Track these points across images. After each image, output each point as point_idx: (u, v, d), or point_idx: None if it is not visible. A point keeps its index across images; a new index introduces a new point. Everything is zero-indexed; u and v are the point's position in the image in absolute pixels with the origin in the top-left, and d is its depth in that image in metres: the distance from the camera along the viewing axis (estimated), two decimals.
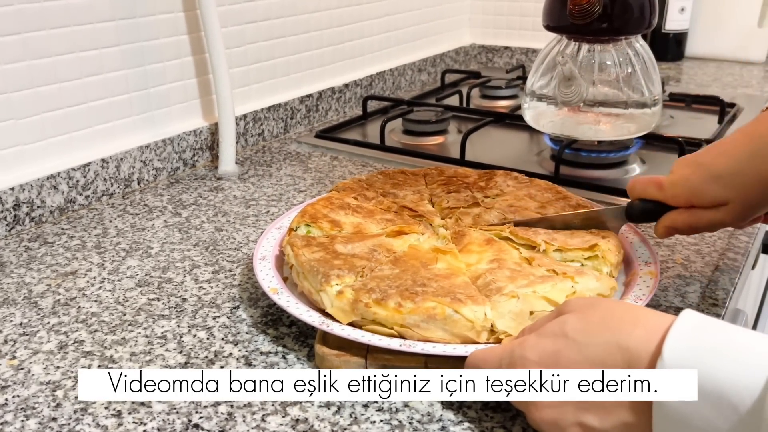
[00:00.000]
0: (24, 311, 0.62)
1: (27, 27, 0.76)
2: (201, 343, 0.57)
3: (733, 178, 0.51)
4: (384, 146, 1.02)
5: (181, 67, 0.95)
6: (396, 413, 0.48)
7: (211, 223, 0.80)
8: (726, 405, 0.35)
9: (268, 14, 1.07)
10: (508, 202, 0.69)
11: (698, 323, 0.38)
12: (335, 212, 0.67)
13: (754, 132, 0.51)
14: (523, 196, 0.70)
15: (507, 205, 0.68)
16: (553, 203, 0.68)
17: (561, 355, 0.42)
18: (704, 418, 0.35)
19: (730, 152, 0.52)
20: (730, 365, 0.35)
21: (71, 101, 0.82)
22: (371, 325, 0.52)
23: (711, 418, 0.35)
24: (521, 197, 0.70)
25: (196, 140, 0.97)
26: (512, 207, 0.68)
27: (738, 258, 0.68)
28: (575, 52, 0.89)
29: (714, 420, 0.35)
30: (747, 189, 0.51)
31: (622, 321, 0.41)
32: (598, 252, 0.57)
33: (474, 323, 0.50)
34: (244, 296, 0.64)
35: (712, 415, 0.35)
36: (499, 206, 0.68)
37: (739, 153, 0.51)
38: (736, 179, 0.51)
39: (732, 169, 0.51)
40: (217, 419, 0.48)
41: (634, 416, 0.39)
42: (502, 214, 0.67)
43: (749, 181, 0.51)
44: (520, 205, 0.68)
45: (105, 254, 0.72)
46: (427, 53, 1.49)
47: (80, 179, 0.83)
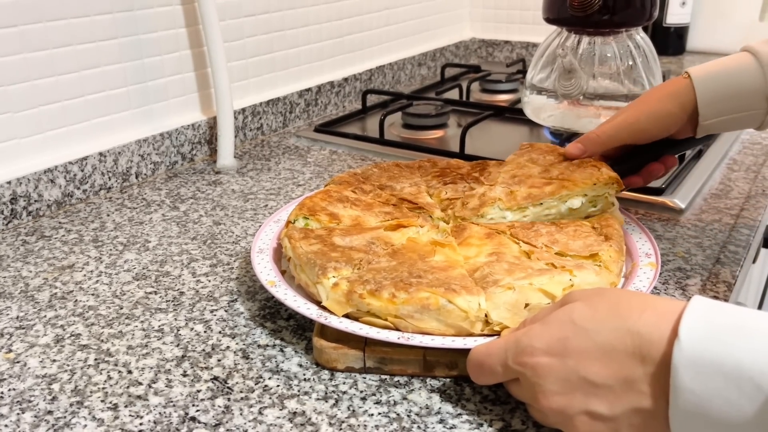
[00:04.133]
0: (21, 305, 0.61)
1: (23, 19, 0.76)
2: (198, 336, 0.56)
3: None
4: (383, 140, 1.01)
5: (180, 60, 0.95)
6: (394, 406, 0.48)
7: (210, 216, 0.79)
8: (748, 384, 0.34)
9: (267, 7, 1.06)
10: (510, 173, 0.68)
11: (711, 305, 0.38)
12: (333, 205, 0.66)
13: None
14: (524, 163, 0.69)
15: (510, 176, 0.67)
16: (556, 165, 0.68)
17: (569, 342, 0.41)
18: (725, 398, 0.35)
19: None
20: (750, 344, 0.35)
21: (68, 94, 0.82)
22: (367, 317, 0.51)
23: (733, 398, 0.35)
24: (523, 164, 0.69)
25: (194, 134, 0.97)
26: (515, 177, 0.67)
27: (739, 251, 0.68)
28: (575, 44, 0.88)
29: (736, 400, 0.35)
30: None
31: (630, 307, 0.41)
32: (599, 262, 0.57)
33: (468, 313, 0.49)
34: (242, 289, 0.63)
35: (733, 396, 0.35)
36: (502, 180, 0.67)
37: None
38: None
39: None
40: (214, 412, 0.47)
41: (648, 400, 0.39)
42: (507, 187, 0.66)
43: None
44: (523, 173, 0.67)
45: (102, 248, 0.72)
46: (427, 47, 1.49)
47: (78, 173, 0.83)
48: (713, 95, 0.62)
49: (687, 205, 0.78)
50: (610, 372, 0.40)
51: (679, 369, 0.36)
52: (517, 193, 0.64)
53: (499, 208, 0.63)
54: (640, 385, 0.39)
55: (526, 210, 0.64)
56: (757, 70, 0.60)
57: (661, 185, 0.80)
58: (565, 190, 0.63)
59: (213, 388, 0.50)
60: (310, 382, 0.50)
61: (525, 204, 0.63)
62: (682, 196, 0.79)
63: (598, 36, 0.87)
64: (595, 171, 0.65)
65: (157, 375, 0.51)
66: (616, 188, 0.65)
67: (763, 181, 0.85)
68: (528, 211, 0.64)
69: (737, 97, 0.61)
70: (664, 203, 0.78)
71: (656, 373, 0.38)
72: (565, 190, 0.63)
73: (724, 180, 0.86)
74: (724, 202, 0.79)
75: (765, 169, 0.89)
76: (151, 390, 0.50)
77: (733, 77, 0.61)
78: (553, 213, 0.64)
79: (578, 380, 0.41)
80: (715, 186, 0.84)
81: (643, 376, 0.39)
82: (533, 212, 0.64)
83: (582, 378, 0.41)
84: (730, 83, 0.61)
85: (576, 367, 0.41)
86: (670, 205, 0.78)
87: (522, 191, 0.64)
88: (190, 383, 0.50)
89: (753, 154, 0.95)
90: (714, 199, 0.80)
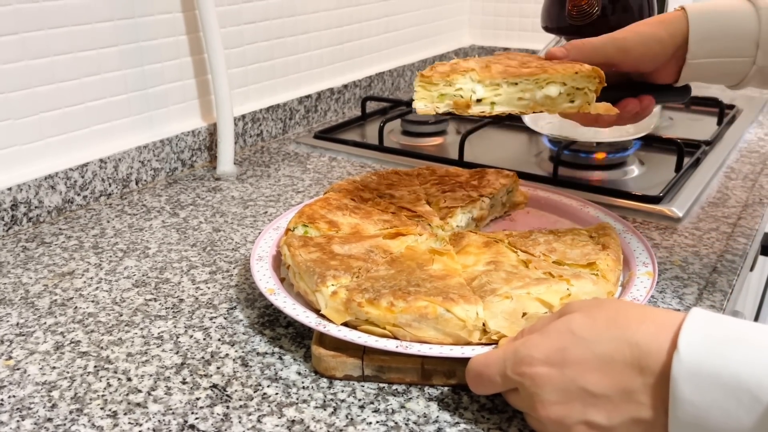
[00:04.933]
0: (21, 311, 0.62)
1: (25, 27, 0.76)
2: (197, 343, 0.56)
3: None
4: (383, 147, 1.02)
5: (180, 67, 0.95)
6: (392, 414, 0.48)
7: (209, 223, 0.80)
8: (746, 396, 0.35)
9: (267, 15, 1.07)
10: (484, 61, 0.62)
11: (710, 318, 0.38)
12: (333, 213, 0.67)
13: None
14: (499, 59, 0.64)
15: (484, 62, 0.61)
16: (534, 61, 0.63)
17: (568, 352, 0.42)
18: (724, 409, 0.35)
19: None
20: (748, 356, 0.35)
21: (69, 101, 0.82)
22: (366, 326, 0.52)
23: (731, 409, 0.35)
24: (498, 59, 0.64)
25: (194, 140, 0.97)
26: (491, 63, 0.61)
27: (736, 260, 0.68)
28: None
29: (735, 411, 0.35)
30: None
31: (628, 318, 0.41)
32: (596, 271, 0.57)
33: (466, 322, 0.50)
34: (241, 297, 0.64)
35: (732, 407, 0.35)
36: (474, 62, 0.61)
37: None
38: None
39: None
40: (213, 420, 0.47)
41: (647, 411, 0.39)
42: (482, 63, 0.60)
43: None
44: (498, 62, 0.62)
45: (102, 254, 0.72)
46: (427, 54, 1.49)
47: (78, 179, 0.83)
48: (706, 31, 0.60)
49: (684, 213, 0.78)
50: (608, 382, 0.40)
51: (679, 380, 0.37)
52: (493, 67, 0.59)
53: (471, 80, 0.57)
54: (638, 395, 0.39)
55: (499, 88, 0.58)
56: (751, 14, 0.59)
57: (659, 194, 0.80)
58: (545, 74, 0.59)
59: (212, 395, 0.50)
60: (309, 390, 0.50)
61: (499, 80, 0.58)
62: (680, 204, 0.79)
63: None
64: (576, 65, 0.60)
65: (156, 382, 0.52)
66: (596, 84, 0.60)
67: (760, 189, 0.86)
68: (501, 90, 0.58)
69: (729, 37, 0.60)
70: (661, 212, 0.78)
71: (655, 384, 0.39)
72: (544, 73, 0.59)
73: (721, 188, 0.86)
74: (722, 211, 0.80)
75: (762, 177, 0.90)
76: (151, 397, 0.50)
77: (728, 17, 0.60)
78: (527, 98, 0.59)
79: (577, 390, 0.41)
80: (712, 194, 0.84)
81: (641, 386, 0.39)
82: (506, 93, 0.58)
83: (581, 388, 0.41)
84: (725, 22, 0.60)
85: (575, 377, 0.41)
86: (667, 214, 0.78)
87: (498, 66, 0.59)
88: (190, 391, 0.51)
89: (750, 162, 0.95)
90: (711, 208, 0.80)
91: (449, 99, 0.57)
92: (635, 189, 0.83)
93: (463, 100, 0.57)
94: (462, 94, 0.57)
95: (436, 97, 0.56)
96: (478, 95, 0.57)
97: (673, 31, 0.61)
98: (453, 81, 0.57)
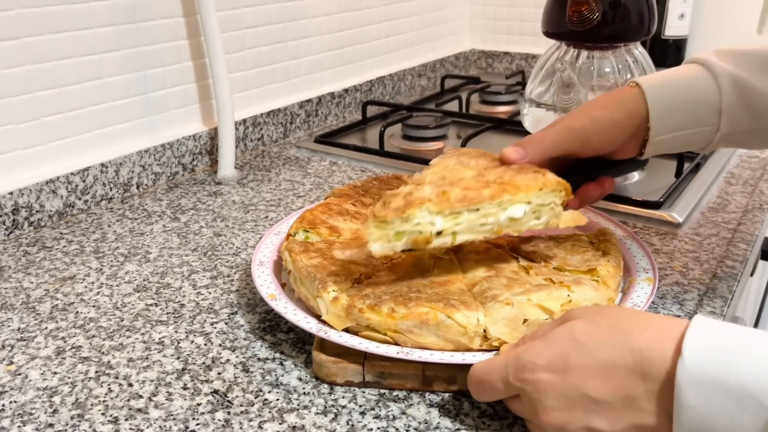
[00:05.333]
0: (22, 316, 0.62)
1: (27, 31, 0.76)
2: (198, 349, 0.57)
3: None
4: (383, 151, 1.02)
5: (181, 71, 0.95)
6: (393, 420, 0.48)
7: (210, 228, 0.80)
8: (751, 402, 0.35)
9: (268, 19, 1.07)
10: (438, 174, 0.56)
11: (713, 325, 0.39)
12: (334, 218, 0.67)
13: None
14: (454, 166, 0.58)
15: (438, 177, 0.56)
16: (491, 169, 0.57)
17: (570, 358, 0.42)
18: (729, 416, 0.35)
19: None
20: (752, 363, 0.35)
21: (71, 106, 0.83)
22: (366, 332, 0.52)
23: (736, 416, 0.35)
24: (452, 167, 0.58)
25: (195, 145, 0.97)
26: (446, 179, 0.55)
27: (736, 265, 0.68)
28: (574, 58, 0.89)
29: (739, 418, 0.35)
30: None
31: (631, 324, 0.41)
32: (597, 277, 0.57)
33: (466, 329, 0.50)
34: (242, 302, 0.64)
35: (737, 414, 0.35)
36: (430, 180, 0.55)
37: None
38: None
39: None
40: (214, 426, 0.47)
41: (649, 418, 0.39)
42: (438, 188, 0.54)
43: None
44: (453, 176, 0.56)
45: (103, 259, 0.72)
46: (427, 58, 1.50)
47: (79, 184, 0.83)
48: (666, 107, 0.57)
49: (684, 219, 0.78)
50: (610, 389, 0.40)
51: (683, 387, 0.37)
52: (451, 194, 0.53)
53: (428, 212, 0.52)
54: (641, 402, 0.39)
55: (459, 216, 0.53)
56: (710, 82, 0.56)
57: (659, 199, 0.81)
58: (507, 194, 0.53)
59: (213, 401, 0.50)
60: (310, 396, 0.51)
61: (460, 208, 0.52)
62: (680, 210, 0.80)
63: (596, 50, 0.87)
64: (539, 176, 0.55)
65: (157, 388, 0.52)
66: (563, 196, 0.56)
67: (760, 195, 0.86)
68: (462, 218, 0.53)
69: (691, 109, 0.57)
70: (661, 217, 0.78)
71: (658, 391, 0.39)
72: (506, 194, 0.53)
73: (721, 194, 0.86)
74: (722, 216, 0.80)
75: (762, 183, 0.90)
76: (152, 403, 0.50)
77: (686, 88, 0.57)
78: (490, 223, 0.54)
79: (579, 396, 0.41)
80: (712, 200, 0.84)
81: (644, 393, 0.39)
82: (468, 220, 0.53)
83: (583, 394, 0.41)
84: (683, 95, 0.57)
85: (577, 384, 0.41)
86: (667, 219, 0.78)
87: (456, 192, 0.53)
88: (191, 396, 0.51)
89: (750, 167, 0.95)
90: (711, 213, 0.81)
91: (407, 236, 0.51)
92: (635, 194, 0.83)
93: (423, 236, 0.52)
94: (421, 230, 0.51)
95: (392, 236, 0.51)
96: (438, 227, 0.52)
97: (630, 111, 0.57)
98: (410, 217, 0.51)
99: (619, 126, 0.58)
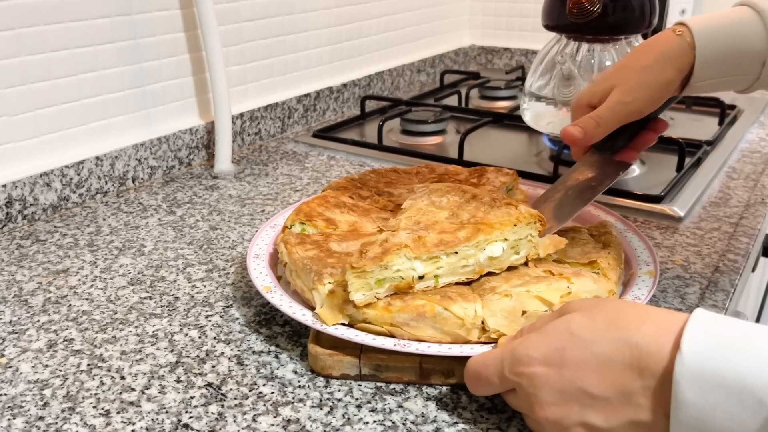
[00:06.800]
0: (14, 309, 0.61)
1: (21, 23, 0.75)
2: (193, 342, 0.56)
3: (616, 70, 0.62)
4: (382, 146, 1.01)
5: (178, 64, 0.94)
6: (390, 414, 0.47)
7: (206, 221, 0.79)
8: (751, 399, 0.34)
9: (266, 12, 1.06)
10: (413, 219, 0.57)
11: (713, 319, 0.38)
12: (330, 210, 0.66)
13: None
14: (426, 208, 0.59)
15: (413, 222, 0.57)
16: (464, 206, 0.58)
17: (567, 352, 0.41)
18: (728, 413, 0.35)
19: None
20: (752, 359, 0.35)
21: (65, 98, 0.82)
22: (363, 324, 0.51)
23: (735, 413, 0.34)
24: (425, 209, 0.59)
25: (192, 139, 0.96)
26: (420, 223, 0.56)
27: (738, 259, 0.68)
28: (575, 51, 0.88)
29: (738, 415, 0.34)
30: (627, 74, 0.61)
31: (628, 318, 0.41)
32: (597, 269, 0.56)
33: (464, 320, 0.49)
34: (238, 295, 0.63)
35: (736, 410, 0.34)
36: (405, 225, 0.56)
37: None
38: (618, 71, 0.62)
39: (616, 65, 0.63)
40: (207, 419, 0.47)
41: (646, 414, 0.38)
42: (413, 233, 0.54)
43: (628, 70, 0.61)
44: (427, 219, 0.57)
45: (98, 252, 0.71)
46: (427, 54, 1.49)
47: (74, 177, 0.82)
48: (712, 56, 0.57)
49: (686, 213, 0.77)
50: (607, 384, 0.39)
51: (681, 382, 0.36)
52: (427, 239, 0.53)
53: (406, 257, 0.51)
54: (637, 398, 0.38)
55: (439, 261, 0.53)
56: (760, 31, 0.56)
57: (660, 193, 0.80)
58: (482, 234, 0.53)
59: (207, 394, 0.49)
60: (305, 389, 0.50)
61: (437, 252, 0.52)
62: (681, 204, 0.79)
63: (597, 43, 0.87)
64: (512, 210, 0.56)
65: (150, 381, 0.51)
66: (538, 227, 0.56)
67: (762, 189, 0.85)
68: (441, 261, 0.53)
69: (735, 59, 0.57)
70: (662, 211, 0.78)
71: (655, 386, 0.38)
72: (482, 234, 0.53)
73: (723, 188, 0.85)
74: (723, 211, 0.79)
75: (764, 177, 0.89)
76: (144, 396, 0.49)
77: (734, 36, 0.56)
78: (471, 264, 0.54)
79: (575, 391, 0.40)
80: (714, 194, 0.84)
81: (641, 388, 0.38)
82: (448, 263, 0.53)
83: (579, 389, 0.40)
84: (731, 41, 0.57)
85: (573, 378, 0.40)
86: (669, 213, 0.77)
87: (432, 237, 0.53)
88: (184, 389, 0.50)
89: (752, 162, 0.94)
90: (713, 208, 0.80)
91: (389, 282, 0.51)
92: (636, 188, 0.83)
93: (405, 281, 0.51)
94: (402, 275, 0.51)
95: (373, 283, 0.50)
96: (419, 272, 0.52)
97: (680, 66, 0.58)
98: (388, 264, 0.51)
99: (670, 85, 0.59)
